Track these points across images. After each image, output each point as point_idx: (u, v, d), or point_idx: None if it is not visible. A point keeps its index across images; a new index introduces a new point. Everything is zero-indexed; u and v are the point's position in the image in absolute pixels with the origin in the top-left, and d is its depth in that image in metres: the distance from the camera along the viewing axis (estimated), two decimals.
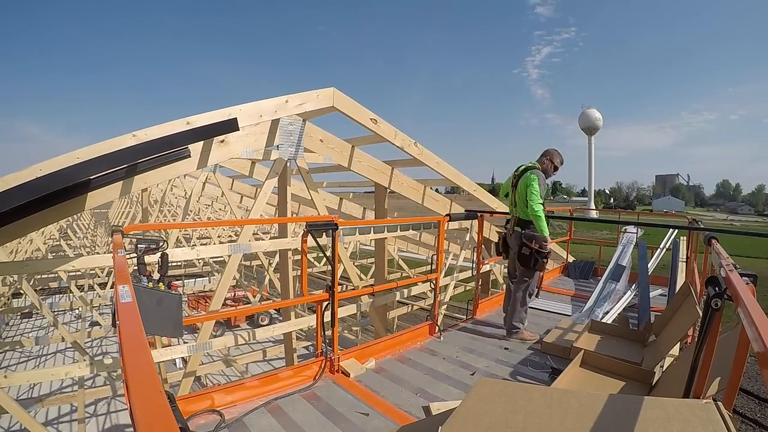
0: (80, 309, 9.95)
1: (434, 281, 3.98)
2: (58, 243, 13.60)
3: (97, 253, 13.72)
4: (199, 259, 12.81)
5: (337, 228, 2.92)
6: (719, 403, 1.11)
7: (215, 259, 12.21)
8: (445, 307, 6.78)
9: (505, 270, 9.57)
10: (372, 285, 5.42)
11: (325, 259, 3.24)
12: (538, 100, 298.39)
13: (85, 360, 4.29)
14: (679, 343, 2.95)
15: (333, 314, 2.99)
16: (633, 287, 4.90)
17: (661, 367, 2.74)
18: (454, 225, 4.69)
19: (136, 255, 2.20)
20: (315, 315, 3.12)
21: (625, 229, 6.15)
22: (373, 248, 8.84)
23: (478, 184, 6.50)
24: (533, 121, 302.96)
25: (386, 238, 5.61)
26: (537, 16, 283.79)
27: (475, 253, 4.53)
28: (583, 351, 2.86)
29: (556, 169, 3.77)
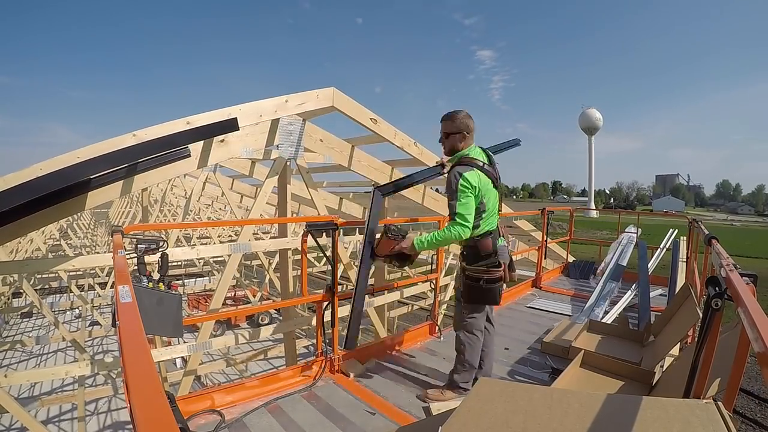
0: (80, 308, 9.96)
1: (434, 281, 3.98)
2: (58, 242, 13.59)
3: (97, 252, 13.72)
4: (199, 259, 12.80)
5: (337, 228, 2.92)
6: (719, 404, 1.11)
7: (215, 259, 12.21)
8: (445, 306, 6.80)
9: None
10: (372, 285, 5.43)
11: (325, 259, 3.24)
12: (507, 113, 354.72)
13: (85, 359, 4.30)
14: (679, 343, 2.95)
15: (333, 314, 2.99)
16: (633, 287, 4.90)
17: (661, 367, 2.74)
18: None
19: (136, 255, 2.20)
20: (315, 315, 3.12)
21: (626, 229, 6.18)
22: None
23: None
24: (507, 129, 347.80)
25: None
26: (480, 55, 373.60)
27: None
28: (583, 351, 2.86)
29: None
